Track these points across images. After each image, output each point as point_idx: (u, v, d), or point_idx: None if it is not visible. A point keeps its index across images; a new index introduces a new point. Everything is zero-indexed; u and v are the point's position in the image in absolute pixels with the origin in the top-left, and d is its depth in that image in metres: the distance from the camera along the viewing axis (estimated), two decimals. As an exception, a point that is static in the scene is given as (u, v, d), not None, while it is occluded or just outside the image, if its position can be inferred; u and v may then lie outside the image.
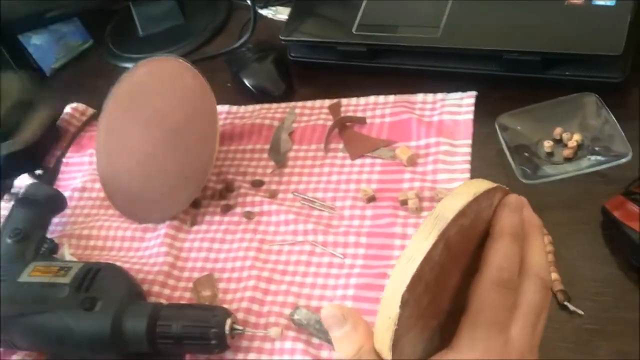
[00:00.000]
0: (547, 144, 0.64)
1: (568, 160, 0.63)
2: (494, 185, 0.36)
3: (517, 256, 0.37)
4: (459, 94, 0.72)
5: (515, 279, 0.36)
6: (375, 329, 0.35)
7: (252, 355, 0.57)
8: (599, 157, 0.61)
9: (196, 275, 0.66)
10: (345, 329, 0.37)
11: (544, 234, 0.38)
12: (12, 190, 0.81)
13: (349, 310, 0.37)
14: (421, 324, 0.36)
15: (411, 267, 0.33)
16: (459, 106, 0.71)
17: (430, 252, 0.33)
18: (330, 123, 0.75)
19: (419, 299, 0.35)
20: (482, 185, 0.36)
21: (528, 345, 0.37)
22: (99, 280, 0.59)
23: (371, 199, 0.66)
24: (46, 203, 0.74)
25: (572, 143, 0.63)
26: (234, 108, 0.83)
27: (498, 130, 0.66)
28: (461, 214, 0.34)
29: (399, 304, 0.33)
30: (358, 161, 0.71)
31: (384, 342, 0.35)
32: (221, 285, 0.64)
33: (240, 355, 0.58)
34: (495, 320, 0.36)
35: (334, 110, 0.77)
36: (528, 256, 0.38)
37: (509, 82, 0.71)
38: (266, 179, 0.73)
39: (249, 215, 0.69)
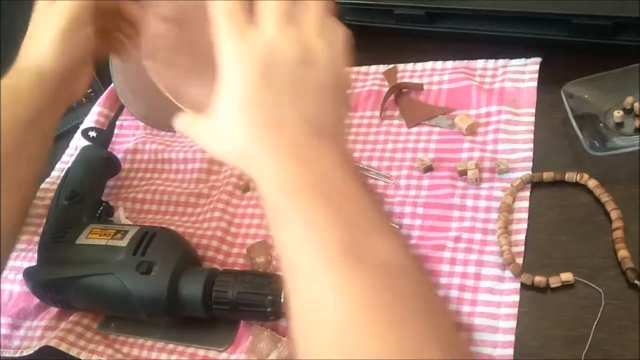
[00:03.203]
0: (617, 114, 0.60)
1: (639, 131, 0.60)
2: None
3: None
4: (522, 60, 0.69)
5: None
6: None
7: (306, 324, 0.57)
8: (672, 129, 0.58)
9: (249, 241, 0.66)
10: None
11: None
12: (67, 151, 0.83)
13: None
14: None
15: None
16: (522, 73, 0.68)
17: None
18: (385, 89, 0.73)
19: None
20: None
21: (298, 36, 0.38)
22: (155, 244, 0.59)
23: (428, 169, 0.64)
24: (101, 166, 0.75)
25: (645, 114, 0.60)
26: (287, 72, 0.81)
27: (564, 99, 0.63)
28: None
29: None
30: (415, 129, 0.69)
31: None
32: (275, 253, 0.64)
33: (295, 323, 0.57)
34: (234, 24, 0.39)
35: (390, 75, 0.75)
36: None
37: (575, 48, 0.68)
38: (320, 145, 0.72)
39: (302, 182, 0.68)
